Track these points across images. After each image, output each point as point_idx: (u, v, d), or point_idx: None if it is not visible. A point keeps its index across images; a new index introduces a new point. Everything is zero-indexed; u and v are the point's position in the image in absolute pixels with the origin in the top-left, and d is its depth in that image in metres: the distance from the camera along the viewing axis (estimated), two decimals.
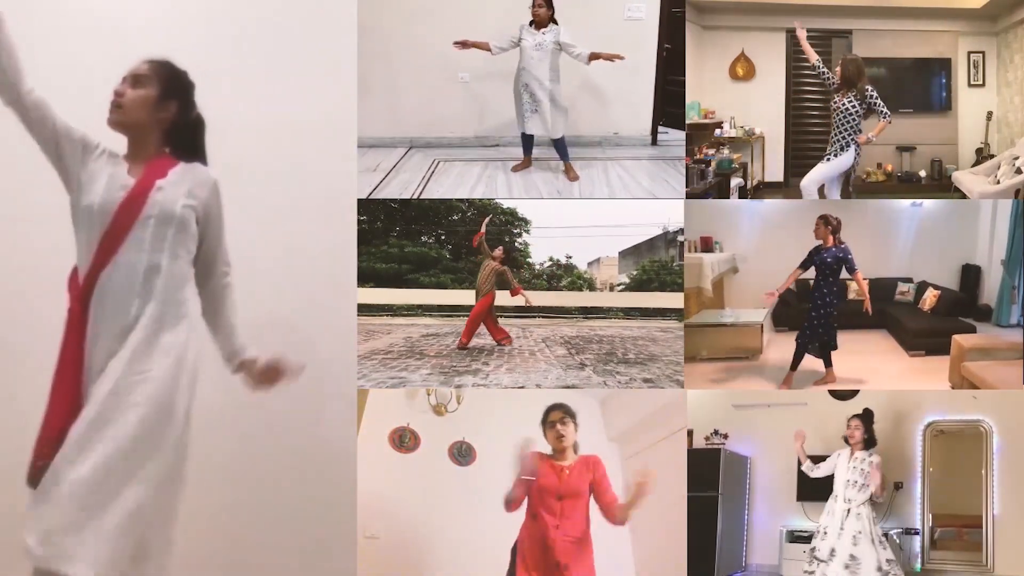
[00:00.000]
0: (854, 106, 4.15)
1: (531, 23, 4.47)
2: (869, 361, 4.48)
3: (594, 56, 4.43)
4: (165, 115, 2.39)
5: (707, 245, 5.30)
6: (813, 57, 4.28)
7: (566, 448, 3.13)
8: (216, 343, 2.51)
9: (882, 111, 4.18)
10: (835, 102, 4.23)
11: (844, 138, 4.20)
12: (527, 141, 4.67)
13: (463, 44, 4.48)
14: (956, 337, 4.07)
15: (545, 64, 4.45)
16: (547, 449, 3.18)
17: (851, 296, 5.57)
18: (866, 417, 3.82)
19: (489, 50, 4.49)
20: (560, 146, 4.60)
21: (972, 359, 3.91)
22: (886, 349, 4.89)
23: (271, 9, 3.58)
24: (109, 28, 3.43)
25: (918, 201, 5.46)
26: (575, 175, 4.58)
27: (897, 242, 5.60)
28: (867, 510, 3.66)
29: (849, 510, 3.67)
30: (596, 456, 3.19)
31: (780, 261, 4.18)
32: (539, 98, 4.49)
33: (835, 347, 4.09)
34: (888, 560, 3.59)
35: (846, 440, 3.83)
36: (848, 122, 4.18)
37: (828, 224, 4.03)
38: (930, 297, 5.25)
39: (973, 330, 4.60)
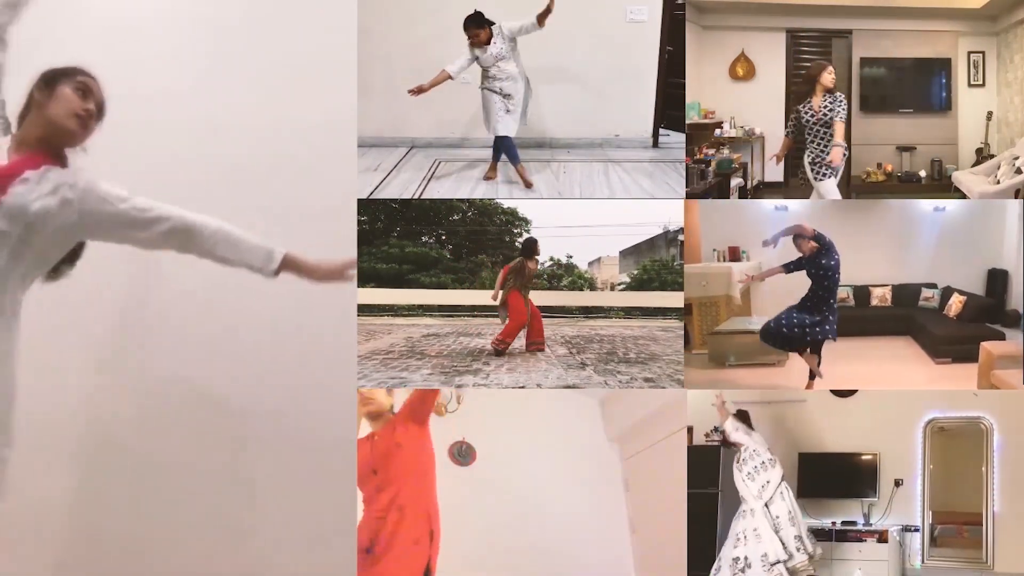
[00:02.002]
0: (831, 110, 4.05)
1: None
2: (894, 368, 4.45)
3: (540, 17, 4.25)
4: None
5: (735, 255, 5.32)
6: None
7: (373, 414, 3.07)
8: (242, 266, 2.42)
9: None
10: (815, 104, 4.07)
11: (824, 148, 4.09)
12: (499, 145, 4.55)
13: (418, 90, 4.34)
14: (985, 344, 3.95)
15: (512, 64, 4.40)
16: None
17: (874, 302, 5.57)
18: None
19: (451, 78, 4.37)
20: (511, 147, 4.51)
21: (1002, 367, 3.78)
22: (911, 356, 4.82)
23: (271, 10, 3.59)
24: (110, 26, 3.45)
25: (941, 205, 5.37)
26: (529, 181, 4.49)
27: (920, 247, 5.51)
28: (786, 488, 3.64)
29: (772, 496, 3.63)
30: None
31: None
32: (514, 96, 4.42)
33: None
34: (796, 536, 3.55)
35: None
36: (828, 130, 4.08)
37: (803, 236, 3.85)
38: (956, 303, 5.13)
39: (1002, 337, 4.48)
